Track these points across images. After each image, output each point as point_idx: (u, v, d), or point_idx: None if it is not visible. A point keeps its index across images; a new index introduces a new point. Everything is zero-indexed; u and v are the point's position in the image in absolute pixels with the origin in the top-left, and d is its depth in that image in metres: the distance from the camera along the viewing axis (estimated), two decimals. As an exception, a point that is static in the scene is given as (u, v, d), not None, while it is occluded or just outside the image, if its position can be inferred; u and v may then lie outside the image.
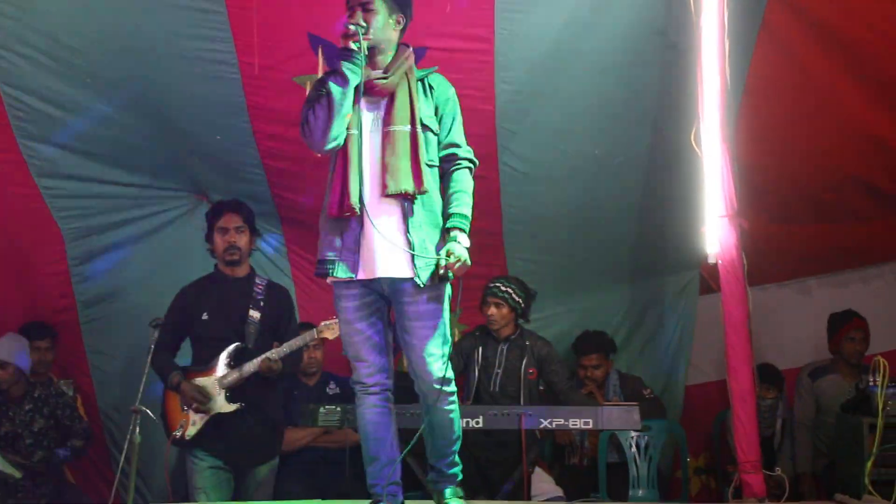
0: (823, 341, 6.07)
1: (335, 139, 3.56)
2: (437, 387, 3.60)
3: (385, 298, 3.69)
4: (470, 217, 3.64)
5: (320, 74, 4.89)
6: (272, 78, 5.09)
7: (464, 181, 3.69)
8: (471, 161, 3.73)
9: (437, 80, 3.78)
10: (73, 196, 5.72)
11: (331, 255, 3.59)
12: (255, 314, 5.02)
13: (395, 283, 3.59)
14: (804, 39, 4.88)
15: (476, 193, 5.41)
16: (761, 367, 5.34)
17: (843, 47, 4.88)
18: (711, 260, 4.48)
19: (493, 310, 5.49)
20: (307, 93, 3.86)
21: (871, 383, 4.62)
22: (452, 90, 3.80)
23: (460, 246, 3.56)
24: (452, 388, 3.68)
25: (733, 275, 4.35)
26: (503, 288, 5.50)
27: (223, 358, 4.93)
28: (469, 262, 3.54)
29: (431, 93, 3.73)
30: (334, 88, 3.51)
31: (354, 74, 3.54)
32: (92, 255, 5.91)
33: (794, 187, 5.60)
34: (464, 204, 3.65)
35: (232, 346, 4.94)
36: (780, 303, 6.42)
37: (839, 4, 4.73)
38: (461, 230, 3.59)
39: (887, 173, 5.48)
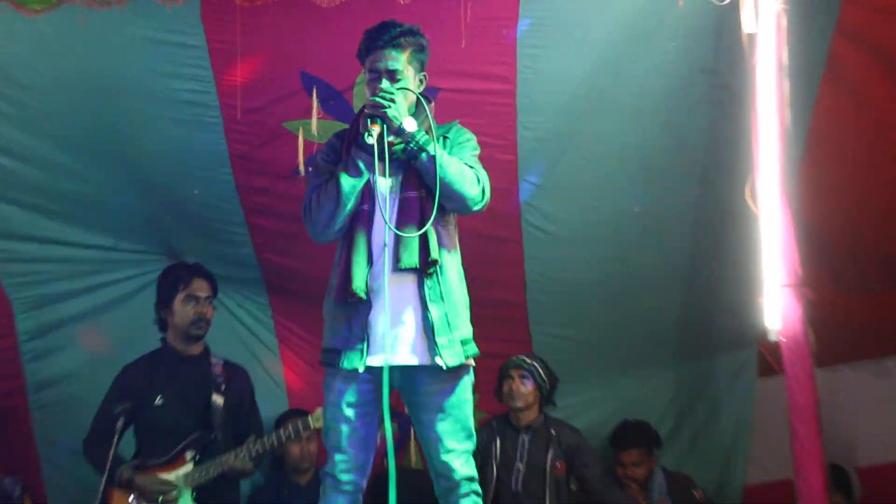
0: (904, 433, 5.97)
1: (339, 230, 3.73)
2: (462, 488, 3.68)
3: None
4: (439, 154, 3.66)
5: (314, 119, 5.00)
6: (258, 123, 5.14)
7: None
8: (484, 186, 3.77)
9: (455, 131, 3.89)
10: (27, 260, 5.71)
11: (337, 344, 3.67)
12: (218, 399, 4.99)
13: (409, 371, 3.65)
14: (876, 79, 4.88)
15: (496, 259, 5.44)
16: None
17: (924, 88, 4.89)
18: (772, 337, 4.41)
19: (516, 383, 5.49)
20: (312, 168, 4.04)
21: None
22: (470, 134, 3.91)
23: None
24: (478, 488, 3.76)
25: (798, 354, 4.28)
26: (529, 361, 5.54)
27: (188, 450, 4.88)
28: (397, 119, 3.61)
29: (448, 145, 3.82)
30: (345, 180, 3.65)
31: (368, 169, 3.66)
32: (46, 328, 5.87)
33: (868, 251, 5.55)
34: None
35: (196, 436, 4.90)
36: (854, 387, 6.33)
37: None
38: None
39: (977, 233, 5.44)
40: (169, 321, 5.13)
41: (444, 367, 3.60)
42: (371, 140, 3.58)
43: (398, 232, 3.62)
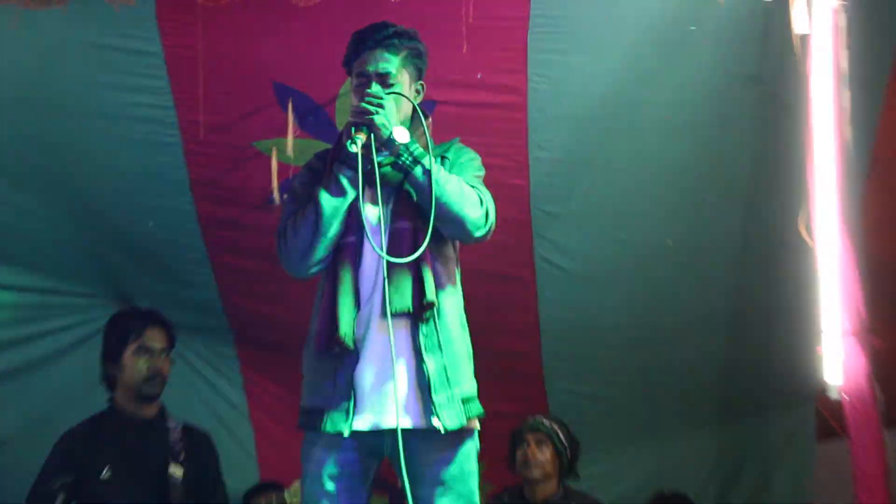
0: None
1: (319, 263, 3.66)
2: None
3: (376, 456, 3.69)
4: (436, 169, 3.59)
5: (290, 138, 4.99)
6: (224, 142, 5.15)
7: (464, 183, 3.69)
8: (488, 208, 3.70)
9: (454, 150, 3.87)
10: (-52, 306, 5.69)
11: (319, 403, 3.61)
12: (176, 470, 4.95)
13: (402, 436, 3.54)
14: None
15: (504, 301, 5.41)
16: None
17: None
18: (832, 393, 4.39)
19: (533, 449, 5.45)
20: (288, 194, 3.95)
21: None
22: (472, 153, 3.87)
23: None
24: None
25: (863, 413, 4.26)
26: (547, 423, 5.51)
27: None
28: (386, 128, 3.55)
29: (446, 166, 3.78)
30: (326, 201, 3.60)
31: (353, 188, 3.61)
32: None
33: (945, 291, 5.54)
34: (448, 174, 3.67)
35: None
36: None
37: None
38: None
39: None
40: (118, 378, 5.05)
41: (443, 431, 3.53)
42: (354, 148, 3.53)
43: (390, 258, 3.54)
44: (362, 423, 3.54)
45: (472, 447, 3.67)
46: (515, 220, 5.22)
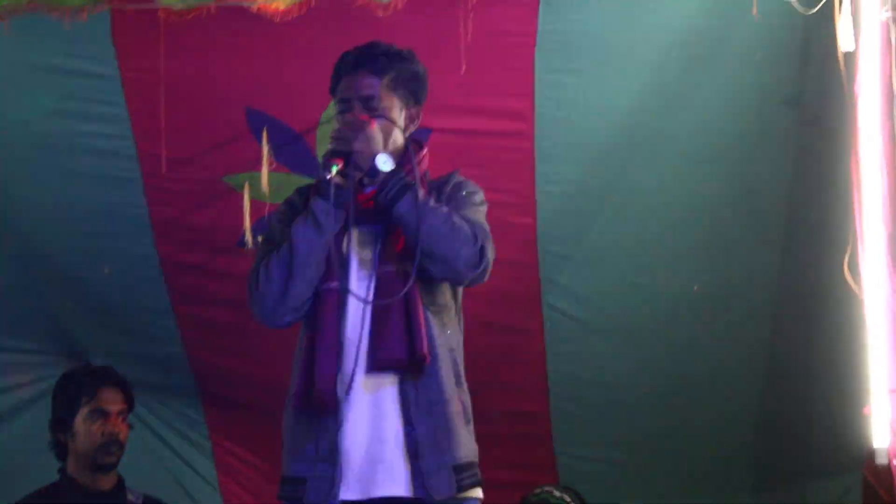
0: None
1: (295, 311, 3.67)
2: None
3: None
4: (422, 201, 3.58)
5: (265, 171, 4.95)
6: (190, 177, 5.13)
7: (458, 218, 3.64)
8: (483, 244, 3.64)
9: (453, 183, 3.85)
10: None
11: (301, 471, 3.59)
12: None
13: None
14: None
15: (507, 355, 5.36)
16: None
17: None
18: (881, 459, 4.32)
19: (542, 525, 5.40)
20: (263, 234, 4.01)
21: None
22: (473, 186, 3.85)
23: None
24: None
25: (918, 482, 4.20)
26: (558, 493, 5.45)
27: None
28: (367, 156, 3.56)
29: (442, 201, 3.76)
30: (300, 238, 3.59)
31: (333, 219, 3.60)
32: None
33: None
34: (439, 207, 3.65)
35: None
36: None
37: None
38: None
39: None
40: (69, 445, 5.04)
41: (433, 502, 3.51)
42: (329, 175, 3.50)
43: (367, 301, 3.55)
44: (349, 492, 3.51)
45: None
46: (521, 262, 5.22)
